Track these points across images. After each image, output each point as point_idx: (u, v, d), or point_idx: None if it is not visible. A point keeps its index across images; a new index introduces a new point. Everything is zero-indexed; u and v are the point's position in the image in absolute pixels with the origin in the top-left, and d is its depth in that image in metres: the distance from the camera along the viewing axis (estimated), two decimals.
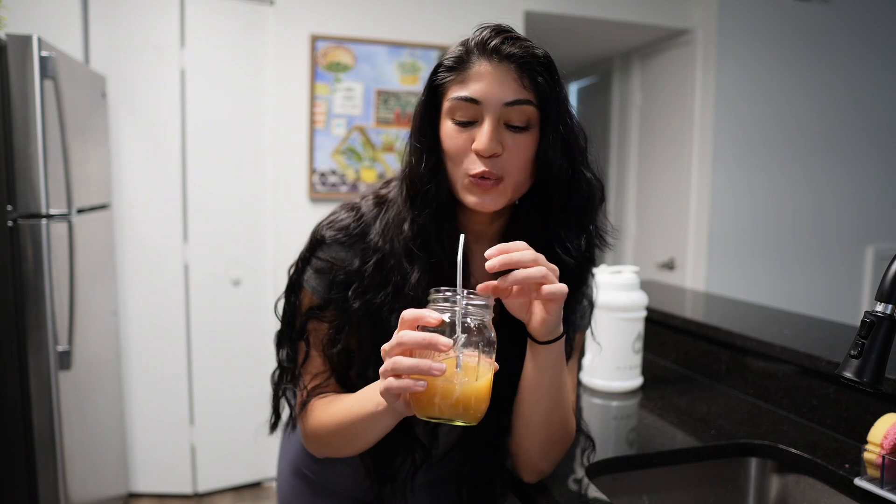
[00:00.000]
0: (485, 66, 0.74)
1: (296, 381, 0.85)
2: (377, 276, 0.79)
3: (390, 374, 0.64)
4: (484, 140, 0.73)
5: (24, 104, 1.81)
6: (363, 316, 0.79)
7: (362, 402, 0.75)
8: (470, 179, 0.75)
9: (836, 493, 1.02)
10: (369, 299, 0.78)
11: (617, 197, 4.02)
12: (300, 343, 0.84)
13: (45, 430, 1.87)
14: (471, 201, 0.76)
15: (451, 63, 0.76)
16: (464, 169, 0.75)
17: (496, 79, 0.73)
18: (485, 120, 0.74)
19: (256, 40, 2.72)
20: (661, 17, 3.22)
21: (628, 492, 1.08)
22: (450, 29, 2.91)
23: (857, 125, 3.33)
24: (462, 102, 0.74)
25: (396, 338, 0.65)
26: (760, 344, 1.35)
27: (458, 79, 0.75)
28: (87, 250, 2.17)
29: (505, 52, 0.74)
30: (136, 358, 2.67)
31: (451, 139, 0.75)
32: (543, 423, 0.81)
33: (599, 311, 1.42)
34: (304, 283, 0.84)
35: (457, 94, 0.74)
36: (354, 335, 0.81)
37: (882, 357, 0.78)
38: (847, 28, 3.25)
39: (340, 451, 0.82)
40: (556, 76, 0.77)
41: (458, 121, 0.75)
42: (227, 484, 2.83)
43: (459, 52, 0.76)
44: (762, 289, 3.20)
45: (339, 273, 0.80)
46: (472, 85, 0.74)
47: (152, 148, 2.64)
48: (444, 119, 0.77)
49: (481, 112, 0.74)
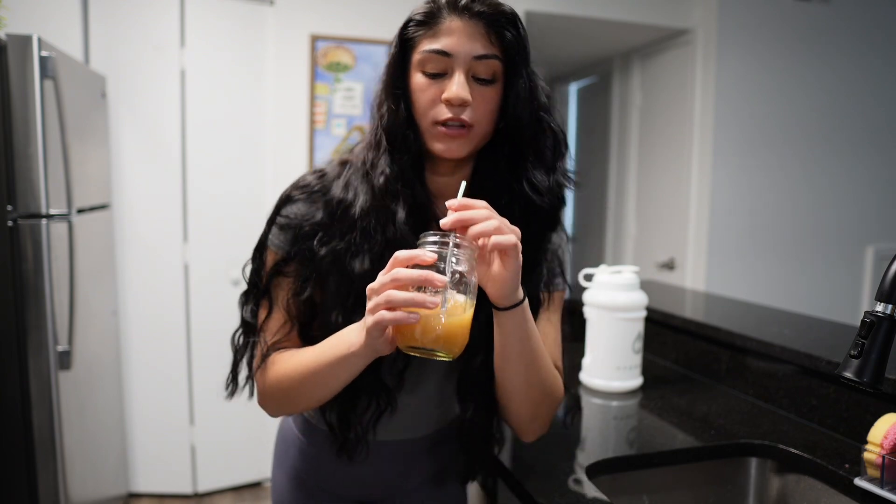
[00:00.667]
0: (455, 21, 0.78)
1: (256, 337, 0.87)
2: (342, 224, 0.82)
3: (383, 307, 0.67)
4: (455, 89, 0.77)
5: (24, 104, 1.81)
6: (329, 264, 0.82)
7: (334, 347, 0.76)
8: (438, 128, 0.79)
9: (836, 493, 1.02)
10: (334, 246, 0.81)
11: (617, 197, 4.02)
12: (263, 301, 0.87)
13: (45, 430, 1.87)
14: (438, 148, 0.80)
15: (422, 18, 0.79)
16: (432, 117, 0.79)
17: (466, 33, 0.77)
18: (455, 72, 0.78)
19: (256, 40, 2.72)
20: (661, 17, 3.22)
21: (628, 492, 1.08)
22: None
23: (857, 125, 3.33)
24: (433, 55, 0.78)
25: (390, 275, 0.67)
26: (760, 344, 1.35)
27: (428, 33, 0.79)
28: (87, 250, 2.17)
29: (475, 10, 0.78)
30: (136, 358, 2.67)
31: (422, 90, 0.79)
32: (523, 387, 0.83)
33: (599, 311, 1.42)
34: (268, 243, 0.87)
35: (428, 47, 0.78)
36: (318, 287, 0.84)
37: (882, 357, 0.78)
38: (847, 28, 3.25)
39: (301, 401, 0.83)
40: (521, 32, 0.81)
41: (428, 73, 0.79)
42: (227, 484, 2.83)
43: (430, 8, 0.79)
44: (762, 289, 3.20)
45: (303, 226, 0.83)
46: (443, 39, 0.77)
47: (152, 148, 2.64)
48: (413, 71, 0.80)
49: (451, 65, 0.78)
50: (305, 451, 0.99)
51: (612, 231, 4.06)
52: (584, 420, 1.28)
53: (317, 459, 0.98)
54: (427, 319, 0.68)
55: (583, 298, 1.47)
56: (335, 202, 0.83)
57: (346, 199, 0.83)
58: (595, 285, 1.45)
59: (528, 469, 1.00)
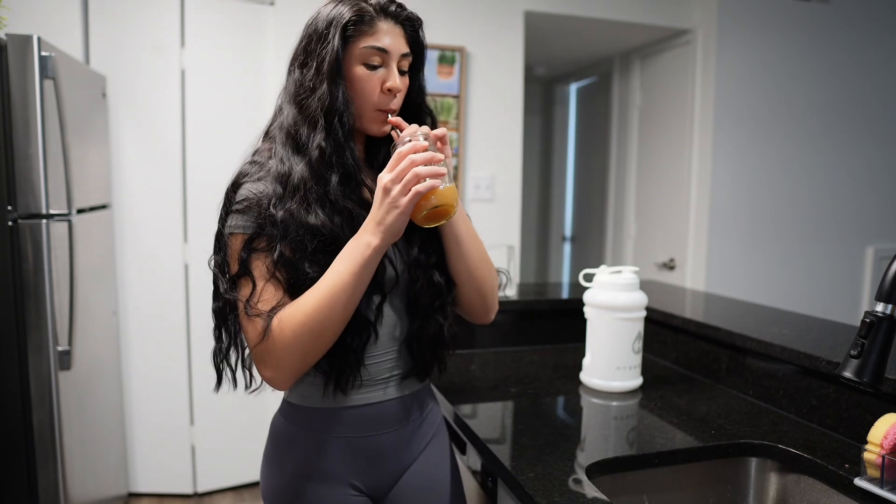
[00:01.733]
0: (388, 24, 0.96)
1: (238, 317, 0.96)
2: (287, 190, 0.94)
3: (413, 183, 0.86)
4: (398, 82, 0.97)
5: (24, 104, 1.81)
6: (288, 222, 0.92)
7: (352, 257, 0.90)
8: (378, 113, 0.98)
9: (836, 493, 1.03)
10: (288, 208, 0.93)
11: (617, 197, 4.02)
12: (243, 280, 0.94)
13: (45, 430, 1.88)
14: (376, 130, 1.00)
15: (357, 19, 0.94)
16: (374, 104, 0.97)
17: (395, 35, 0.96)
18: (392, 66, 0.97)
19: (256, 40, 2.72)
20: (661, 17, 3.22)
21: (628, 492, 1.08)
22: (450, 29, 2.91)
23: (857, 125, 3.33)
24: (375, 51, 0.95)
25: (406, 161, 0.86)
26: (760, 344, 1.35)
27: (367, 31, 0.95)
28: (87, 250, 2.17)
29: (403, 16, 0.98)
30: (136, 358, 2.67)
31: (366, 80, 0.96)
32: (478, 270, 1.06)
33: (599, 311, 1.42)
34: (229, 231, 0.96)
35: (370, 44, 0.95)
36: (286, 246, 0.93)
37: (882, 357, 0.78)
38: (847, 28, 3.25)
39: (328, 335, 0.91)
40: (424, 35, 1.02)
41: (370, 65, 0.96)
42: (227, 484, 2.83)
43: (362, 11, 0.95)
44: (762, 289, 3.20)
45: (262, 201, 0.93)
46: (382, 38, 0.95)
47: (152, 148, 2.64)
48: (354, 63, 0.96)
49: (388, 59, 0.96)
50: (302, 436, 1.03)
51: (612, 231, 4.06)
52: (584, 420, 1.28)
53: (312, 441, 1.02)
54: (437, 188, 0.88)
55: (583, 298, 1.47)
56: (278, 175, 0.95)
57: (283, 171, 0.95)
58: (595, 285, 1.45)
59: (528, 469, 1.00)
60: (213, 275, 1.00)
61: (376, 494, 1.05)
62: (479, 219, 3.04)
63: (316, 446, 1.01)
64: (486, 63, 3.00)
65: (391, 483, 1.06)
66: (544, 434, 1.16)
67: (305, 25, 1.00)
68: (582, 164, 4.62)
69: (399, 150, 0.88)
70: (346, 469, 1.02)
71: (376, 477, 1.04)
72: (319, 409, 1.01)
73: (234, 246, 0.95)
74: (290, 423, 1.05)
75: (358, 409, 1.01)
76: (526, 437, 1.15)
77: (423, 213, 0.90)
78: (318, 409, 1.01)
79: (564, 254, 4.81)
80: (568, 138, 4.79)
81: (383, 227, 0.88)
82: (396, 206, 0.86)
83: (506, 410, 1.33)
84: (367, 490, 1.04)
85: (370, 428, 1.02)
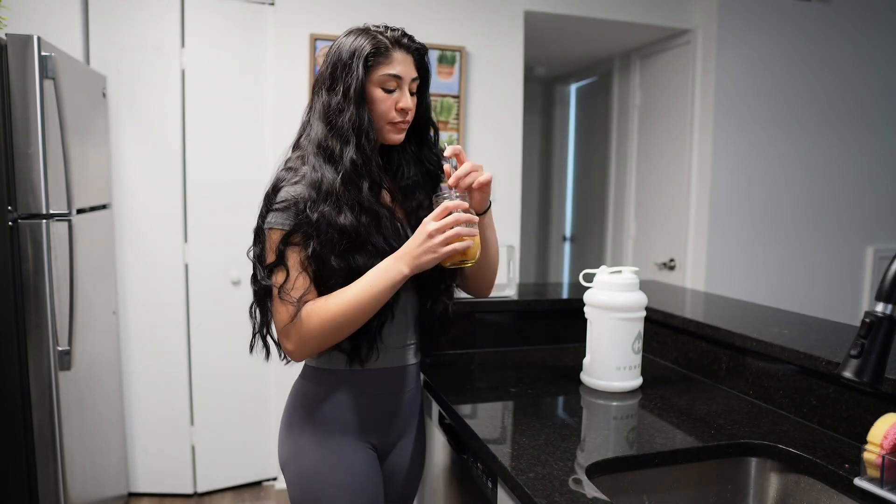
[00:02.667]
0: (401, 54, 1.15)
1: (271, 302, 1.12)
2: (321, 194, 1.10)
3: (454, 238, 1.04)
4: (409, 102, 1.15)
5: (24, 104, 1.81)
6: (321, 222, 1.08)
7: (383, 278, 1.07)
8: (392, 126, 1.17)
9: (836, 493, 1.03)
10: (321, 210, 1.08)
11: (617, 197, 4.02)
12: (279, 269, 1.10)
13: (45, 430, 1.88)
14: (394, 138, 1.19)
15: (377, 50, 1.13)
16: (388, 119, 1.16)
17: (407, 63, 1.15)
18: (404, 89, 1.15)
19: (256, 40, 2.72)
20: (661, 17, 3.22)
21: (628, 492, 1.08)
22: (449, 29, 2.91)
23: (857, 125, 3.33)
24: (390, 77, 1.13)
25: (452, 218, 1.04)
26: (760, 344, 1.35)
27: (385, 62, 1.13)
28: (87, 250, 2.17)
29: (413, 48, 1.17)
30: (136, 358, 2.67)
31: (383, 101, 1.14)
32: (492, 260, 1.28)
33: (599, 311, 1.42)
34: (269, 226, 1.11)
35: (387, 72, 1.13)
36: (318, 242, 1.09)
37: (882, 357, 0.78)
38: (847, 28, 3.25)
39: (347, 330, 1.09)
40: (428, 61, 1.22)
41: (387, 89, 1.14)
42: (227, 484, 2.83)
43: (380, 43, 1.13)
44: (762, 289, 3.20)
45: (299, 202, 1.09)
46: (396, 66, 1.14)
47: (152, 148, 2.64)
48: (373, 88, 1.14)
49: (401, 84, 1.15)
50: (326, 394, 1.19)
51: (612, 231, 4.06)
52: (584, 420, 1.28)
53: (336, 399, 1.19)
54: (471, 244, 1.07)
55: (583, 298, 1.47)
56: (312, 181, 1.10)
57: (316, 178, 1.10)
58: (595, 285, 1.45)
59: (528, 469, 1.00)
60: (252, 263, 1.17)
61: (381, 451, 1.24)
62: None
63: (340, 403, 1.18)
64: (486, 63, 3.00)
65: (394, 442, 1.25)
66: (544, 434, 1.16)
67: (328, 53, 1.17)
68: (582, 164, 4.62)
69: (446, 203, 1.06)
70: (364, 425, 1.20)
71: (385, 434, 1.23)
72: (344, 370, 1.18)
73: (273, 239, 1.11)
74: (314, 384, 1.21)
75: (378, 373, 1.20)
76: (526, 437, 1.15)
77: (452, 261, 1.09)
78: (343, 370, 1.18)
79: (564, 254, 4.81)
80: (568, 138, 4.78)
81: (417, 263, 1.06)
82: (434, 251, 1.05)
83: (506, 410, 1.33)
84: (378, 446, 1.23)
85: (390, 389, 1.21)
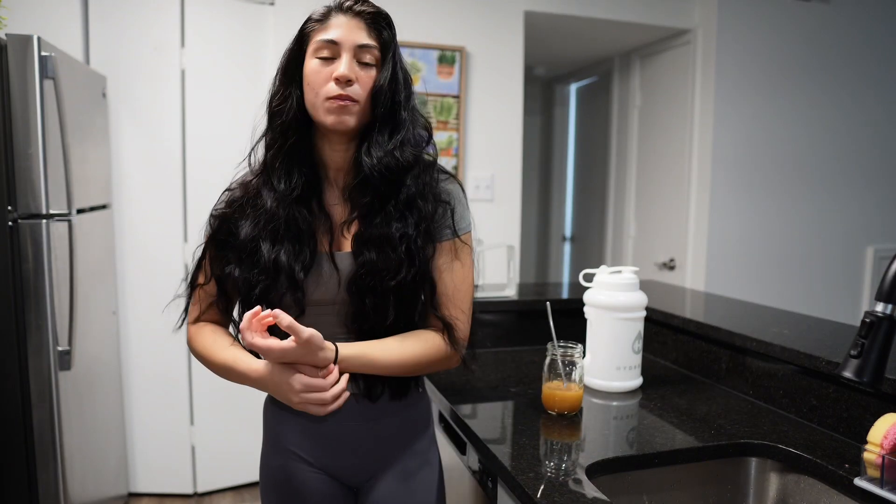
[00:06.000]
0: (342, 18, 0.97)
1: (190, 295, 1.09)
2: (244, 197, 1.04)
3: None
4: (343, 68, 0.95)
5: (24, 104, 1.81)
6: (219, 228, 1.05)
7: (244, 366, 0.98)
8: (329, 102, 0.95)
9: (836, 493, 1.03)
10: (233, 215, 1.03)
11: (617, 197, 4.02)
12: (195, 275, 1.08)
13: (45, 430, 1.87)
14: (331, 120, 0.96)
15: (318, 17, 0.99)
16: (323, 94, 0.95)
17: (351, 27, 0.96)
18: (342, 55, 0.96)
19: (256, 40, 2.72)
20: (661, 17, 3.22)
21: (628, 492, 1.08)
22: (449, 29, 2.91)
23: (858, 125, 3.33)
24: (325, 43, 0.96)
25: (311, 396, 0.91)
26: (760, 344, 1.35)
27: (321, 27, 0.97)
28: (87, 250, 2.17)
29: (357, 10, 0.98)
30: (136, 358, 2.67)
31: (316, 72, 0.96)
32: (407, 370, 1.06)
33: (599, 311, 1.42)
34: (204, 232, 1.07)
35: (321, 37, 0.96)
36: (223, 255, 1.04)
37: (882, 357, 0.78)
38: (847, 28, 3.25)
39: (209, 365, 1.05)
40: (393, 31, 1.01)
41: (321, 57, 0.96)
42: (227, 484, 2.83)
43: (324, 10, 0.99)
44: (762, 289, 3.20)
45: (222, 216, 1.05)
46: (332, 30, 0.96)
47: (152, 148, 2.64)
48: (308, 59, 0.98)
49: (339, 51, 0.96)
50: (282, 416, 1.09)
51: (612, 231, 4.06)
52: (584, 420, 1.28)
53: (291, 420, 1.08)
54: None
55: (583, 298, 1.47)
56: (240, 181, 1.05)
57: (243, 178, 1.05)
58: (595, 285, 1.45)
59: (527, 469, 1.00)
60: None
61: (360, 488, 1.09)
62: (480, 219, 3.03)
63: (295, 428, 1.07)
64: (486, 63, 3.00)
65: (368, 479, 1.08)
66: (544, 434, 1.16)
67: None
68: (582, 164, 4.62)
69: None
70: (321, 455, 1.06)
71: (353, 468, 1.07)
72: None
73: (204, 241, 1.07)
74: (273, 404, 1.12)
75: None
76: (526, 437, 1.15)
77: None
78: None
79: (564, 254, 4.81)
80: (568, 138, 4.78)
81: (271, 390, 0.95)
82: (293, 402, 0.92)
83: (506, 410, 1.33)
84: (349, 481, 1.09)
85: (338, 416, 1.03)
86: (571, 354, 1.24)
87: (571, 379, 1.23)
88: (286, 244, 0.98)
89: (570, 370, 1.23)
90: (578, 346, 1.26)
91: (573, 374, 1.23)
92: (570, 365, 1.23)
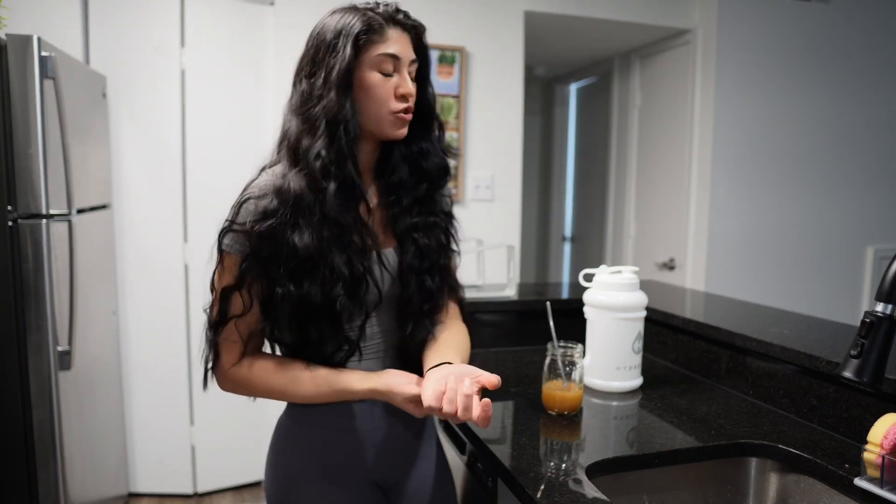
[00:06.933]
0: (396, 31, 0.97)
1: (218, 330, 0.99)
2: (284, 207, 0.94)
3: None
4: (410, 87, 0.98)
5: (24, 104, 1.81)
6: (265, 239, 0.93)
7: (352, 384, 0.97)
8: (394, 116, 0.98)
9: (836, 493, 1.03)
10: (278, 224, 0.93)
11: (617, 197, 4.02)
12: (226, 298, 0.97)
13: (45, 430, 1.87)
14: (397, 133, 1.00)
15: (367, 28, 0.95)
16: (390, 108, 0.97)
17: (404, 42, 0.98)
18: (403, 71, 0.98)
19: (256, 40, 2.72)
20: (661, 17, 3.22)
21: (628, 492, 1.08)
22: (449, 29, 2.91)
23: (858, 125, 3.33)
24: (386, 57, 0.95)
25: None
26: (760, 344, 1.35)
27: (380, 40, 0.95)
28: (87, 250, 2.17)
29: (409, 24, 0.99)
30: (136, 358, 2.67)
31: (380, 86, 0.96)
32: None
33: (599, 311, 1.42)
34: (226, 248, 0.97)
35: (382, 51, 0.95)
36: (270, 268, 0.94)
37: (882, 357, 0.78)
38: (847, 28, 3.25)
39: (292, 399, 1.01)
40: (426, 41, 1.03)
41: (384, 72, 0.96)
42: (227, 484, 2.83)
43: (371, 20, 0.95)
44: (762, 289, 3.20)
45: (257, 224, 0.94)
46: (392, 45, 0.96)
47: (152, 148, 2.64)
48: (367, 71, 0.96)
49: (399, 66, 0.97)
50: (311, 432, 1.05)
51: (612, 231, 4.06)
52: (584, 420, 1.28)
53: (318, 437, 1.04)
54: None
55: (583, 298, 1.47)
56: (277, 190, 0.95)
57: (282, 185, 0.95)
58: (595, 285, 1.45)
59: (528, 469, 1.00)
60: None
61: (391, 491, 1.09)
62: (480, 219, 3.05)
63: (327, 441, 1.03)
64: (486, 63, 3.00)
65: (403, 480, 1.09)
66: (544, 434, 1.16)
67: (310, 37, 0.99)
68: (582, 163, 4.62)
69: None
70: (359, 462, 1.04)
71: (389, 472, 1.07)
72: (322, 406, 1.02)
73: (227, 263, 0.97)
74: (294, 423, 1.07)
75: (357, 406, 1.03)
76: (526, 436, 1.15)
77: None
78: (321, 406, 1.02)
79: (564, 254, 4.81)
80: (568, 138, 4.79)
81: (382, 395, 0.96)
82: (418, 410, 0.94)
83: (506, 410, 1.33)
84: (382, 485, 1.08)
85: (376, 422, 1.04)
86: (571, 354, 1.25)
87: (571, 379, 1.23)
88: (352, 249, 0.96)
89: (570, 370, 1.24)
90: (578, 346, 1.26)
91: (573, 374, 1.24)
92: (570, 365, 1.24)
